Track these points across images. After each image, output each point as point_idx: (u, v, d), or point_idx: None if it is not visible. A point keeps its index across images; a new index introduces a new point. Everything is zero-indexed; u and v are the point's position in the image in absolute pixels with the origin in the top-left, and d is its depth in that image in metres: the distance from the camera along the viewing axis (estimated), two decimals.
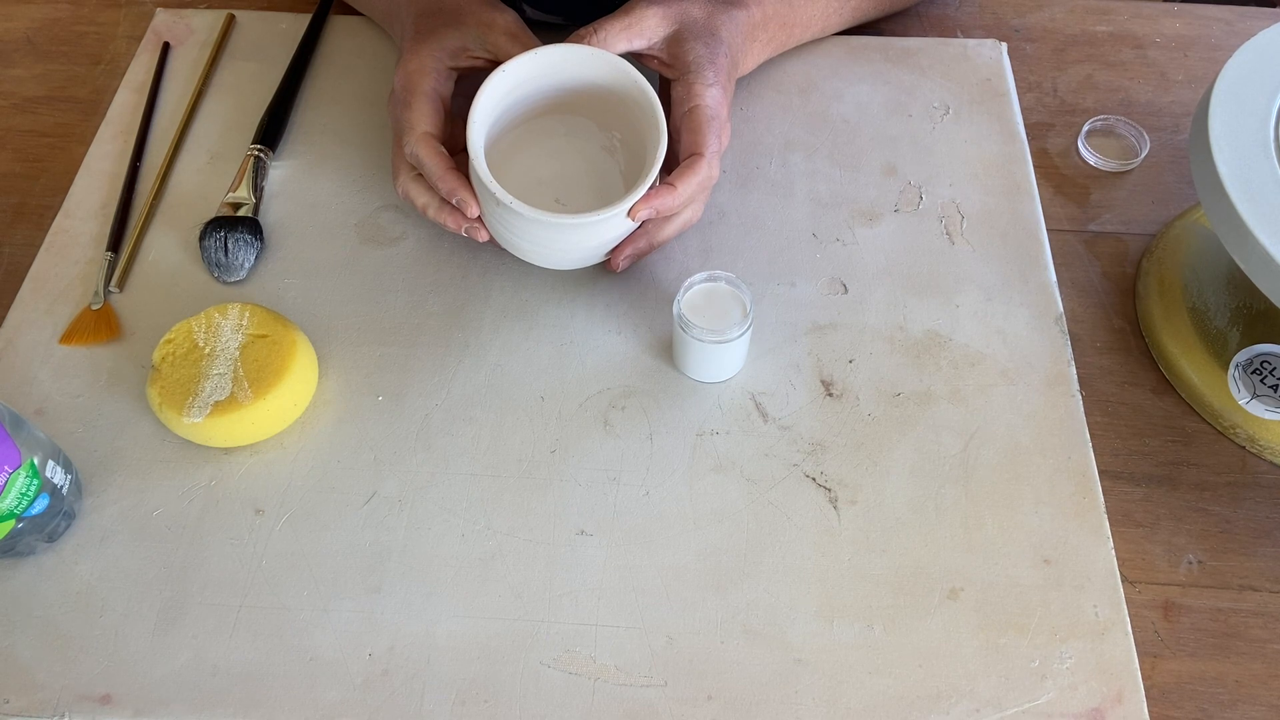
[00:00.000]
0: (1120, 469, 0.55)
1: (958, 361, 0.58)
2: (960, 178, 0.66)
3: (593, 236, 0.54)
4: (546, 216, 0.51)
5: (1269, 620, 0.51)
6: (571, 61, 0.56)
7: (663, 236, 0.58)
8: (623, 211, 0.53)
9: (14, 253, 0.64)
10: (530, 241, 0.55)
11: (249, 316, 0.55)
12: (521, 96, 0.57)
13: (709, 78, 0.57)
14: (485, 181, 0.52)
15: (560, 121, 0.61)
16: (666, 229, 0.57)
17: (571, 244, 0.55)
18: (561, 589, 0.50)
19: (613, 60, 0.55)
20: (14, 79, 0.73)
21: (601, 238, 0.55)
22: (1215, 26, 0.76)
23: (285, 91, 0.69)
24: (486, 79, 0.54)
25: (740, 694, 0.48)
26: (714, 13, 0.60)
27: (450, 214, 0.56)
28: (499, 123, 0.57)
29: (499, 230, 0.55)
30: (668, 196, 0.53)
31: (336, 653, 0.49)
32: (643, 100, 0.55)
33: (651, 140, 0.54)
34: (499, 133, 0.58)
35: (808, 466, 0.54)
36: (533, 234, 0.54)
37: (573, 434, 0.55)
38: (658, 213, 0.54)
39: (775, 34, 0.66)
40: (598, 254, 0.57)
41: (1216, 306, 0.59)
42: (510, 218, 0.53)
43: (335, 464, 0.54)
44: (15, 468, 0.47)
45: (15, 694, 0.48)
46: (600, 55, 0.56)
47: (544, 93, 0.58)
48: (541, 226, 0.53)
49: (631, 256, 0.57)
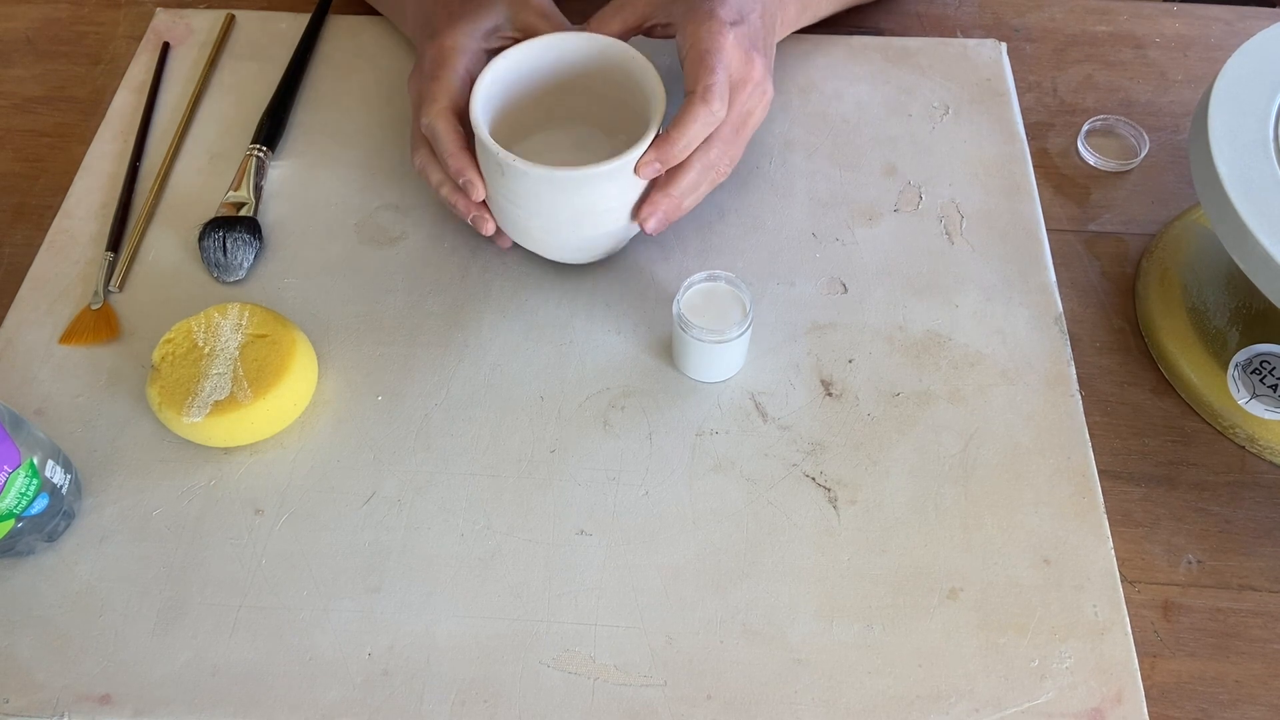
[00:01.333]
0: (1120, 469, 0.55)
1: (957, 361, 0.58)
2: (960, 178, 0.66)
3: (600, 199, 0.54)
4: (550, 171, 0.51)
5: (1269, 620, 0.51)
6: (567, 48, 0.57)
7: (682, 187, 0.55)
8: (626, 165, 0.52)
9: (14, 253, 0.64)
10: (538, 215, 0.54)
11: (249, 316, 0.55)
12: (522, 90, 0.58)
13: (698, 16, 0.55)
14: (487, 145, 0.52)
15: (567, 134, 0.61)
16: (682, 181, 0.54)
17: (579, 211, 0.54)
18: (561, 589, 0.50)
19: (604, 40, 0.57)
20: (14, 79, 0.73)
21: (609, 203, 0.54)
22: (1215, 26, 0.76)
23: (285, 91, 0.69)
24: (485, 68, 0.55)
25: (740, 694, 0.48)
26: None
27: (459, 196, 0.56)
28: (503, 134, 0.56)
29: (507, 210, 0.55)
30: (665, 144, 0.53)
31: (336, 653, 0.49)
32: (634, 68, 0.56)
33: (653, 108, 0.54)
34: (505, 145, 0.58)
35: (807, 466, 0.54)
36: (539, 203, 0.53)
37: (572, 434, 0.55)
38: (662, 164, 0.53)
39: None
40: (608, 233, 0.56)
41: (1216, 306, 0.59)
42: (516, 188, 0.53)
43: (335, 464, 0.54)
44: (15, 467, 0.47)
45: (15, 694, 0.48)
46: (593, 38, 0.57)
47: (544, 84, 0.58)
48: (548, 186, 0.52)
49: (659, 219, 0.55)
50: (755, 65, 0.56)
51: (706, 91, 0.53)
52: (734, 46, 0.54)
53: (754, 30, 0.57)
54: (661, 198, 0.55)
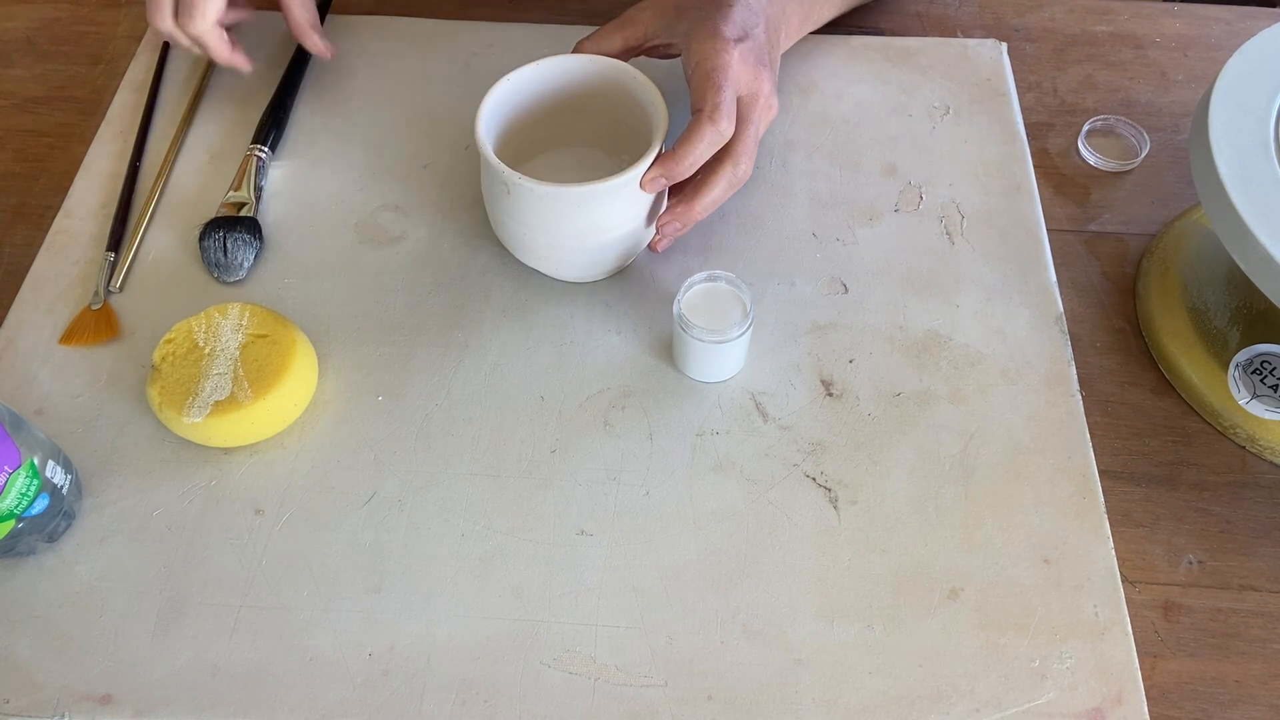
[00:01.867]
0: (1120, 469, 0.55)
1: (958, 361, 0.58)
2: (960, 178, 0.66)
3: (605, 215, 0.54)
4: (555, 188, 0.52)
5: (1269, 620, 0.51)
6: (570, 69, 0.57)
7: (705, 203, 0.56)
8: (630, 180, 0.53)
9: (14, 253, 0.64)
10: (544, 233, 0.54)
11: (249, 316, 0.55)
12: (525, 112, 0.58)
13: (703, 34, 0.55)
14: (493, 165, 0.52)
15: (569, 155, 0.62)
16: (706, 197, 0.56)
17: (584, 229, 0.54)
18: (561, 589, 0.50)
19: (606, 61, 0.57)
20: (14, 79, 0.73)
21: (614, 219, 0.54)
22: (1215, 26, 0.76)
23: (285, 91, 0.69)
24: (490, 88, 0.55)
25: (740, 694, 0.48)
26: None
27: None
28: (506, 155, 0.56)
29: (512, 229, 0.56)
30: (671, 161, 0.53)
31: (336, 653, 0.49)
32: (636, 88, 0.56)
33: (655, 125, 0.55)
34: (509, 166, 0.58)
35: (808, 466, 0.54)
36: (545, 220, 0.54)
37: (573, 434, 0.55)
38: (668, 179, 0.53)
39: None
40: (613, 250, 0.56)
41: (1216, 306, 0.59)
42: (522, 206, 0.53)
43: (335, 464, 0.54)
44: (15, 468, 0.47)
45: (15, 694, 0.48)
46: (595, 59, 0.57)
47: (547, 106, 0.59)
48: (553, 203, 0.53)
49: (666, 237, 0.57)
50: (763, 80, 0.56)
51: (714, 110, 0.53)
52: (740, 63, 0.55)
53: (759, 45, 0.57)
54: (684, 209, 0.56)
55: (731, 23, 0.56)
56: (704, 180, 0.56)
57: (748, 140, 0.56)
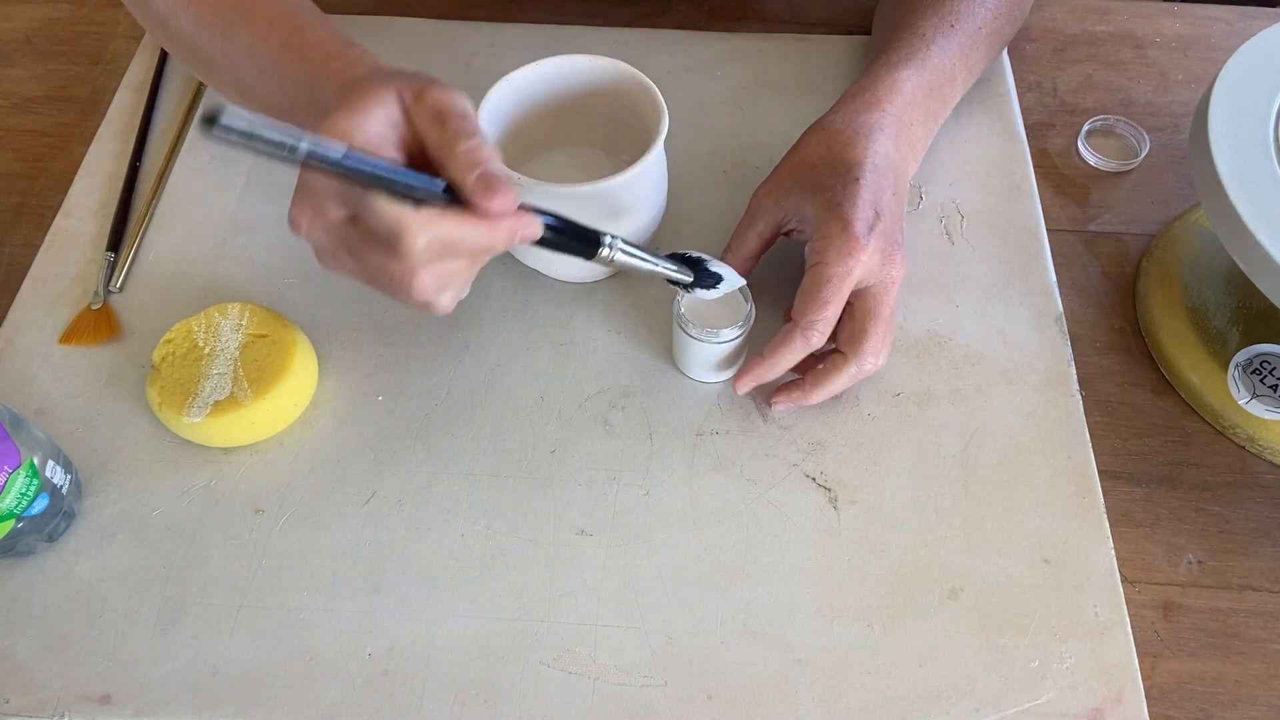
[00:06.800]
0: (1120, 469, 0.55)
1: (958, 361, 0.58)
2: (960, 178, 0.66)
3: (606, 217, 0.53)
4: (557, 187, 0.51)
5: (1269, 620, 0.51)
6: (569, 70, 0.57)
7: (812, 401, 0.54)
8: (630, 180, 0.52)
9: (14, 253, 0.64)
10: None
11: (249, 316, 0.55)
12: (525, 112, 0.58)
13: (832, 230, 0.51)
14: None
15: (569, 155, 0.62)
16: (814, 395, 0.54)
17: None
18: (561, 589, 0.50)
19: (606, 61, 0.57)
20: (14, 79, 0.73)
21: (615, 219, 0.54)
22: (1215, 26, 0.76)
23: None
24: (490, 88, 0.55)
25: (740, 694, 0.48)
26: (833, 143, 0.54)
27: None
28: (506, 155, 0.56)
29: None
30: (760, 366, 0.53)
31: (336, 653, 0.49)
32: (636, 89, 0.56)
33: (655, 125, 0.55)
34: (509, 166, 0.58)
35: (807, 466, 0.54)
36: None
37: (573, 434, 0.55)
38: (757, 382, 0.53)
39: (930, 106, 0.60)
40: None
41: (1216, 306, 0.59)
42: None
43: (335, 464, 0.54)
44: (15, 468, 0.47)
45: (15, 694, 0.48)
46: (595, 59, 0.57)
47: (547, 106, 0.59)
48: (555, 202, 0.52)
49: (773, 406, 0.55)
50: (895, 263, 0.52)
51: (809, 327, 0.51)
52: (870, 258, 0.51)
53: (891, 218, 0.52)
54: (800, 396, 0.54)
55: (861, 206, 0.51)
56: (828, 372, 0.53)
57: (877, 335, 0.52)
